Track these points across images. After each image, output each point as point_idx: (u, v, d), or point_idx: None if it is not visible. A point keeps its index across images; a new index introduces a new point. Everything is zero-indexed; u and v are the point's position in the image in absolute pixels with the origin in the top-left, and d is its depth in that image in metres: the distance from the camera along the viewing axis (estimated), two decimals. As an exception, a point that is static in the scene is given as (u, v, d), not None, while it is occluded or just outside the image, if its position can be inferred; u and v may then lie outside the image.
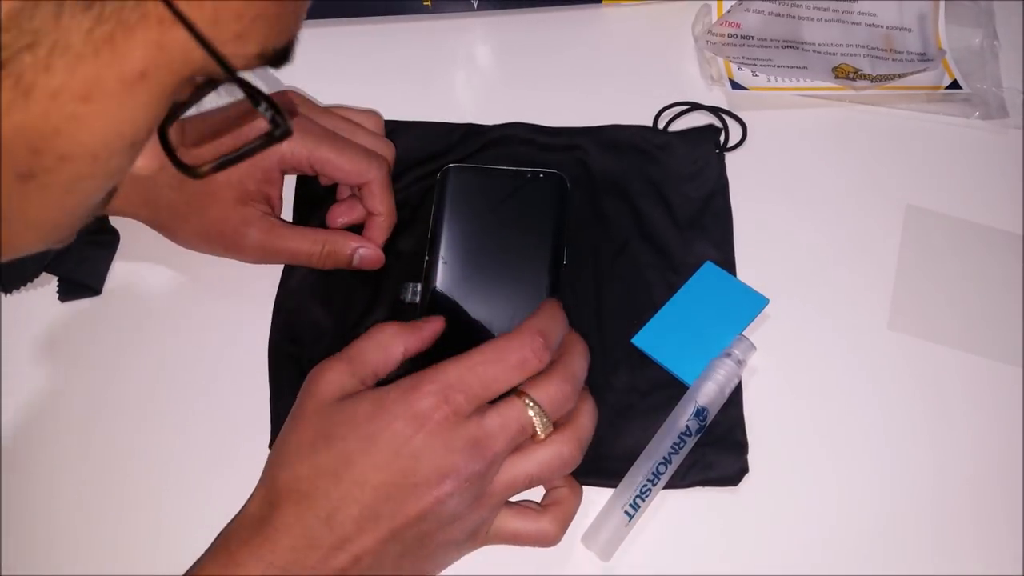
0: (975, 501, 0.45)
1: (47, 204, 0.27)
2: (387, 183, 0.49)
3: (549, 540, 0.41)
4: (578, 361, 0.41)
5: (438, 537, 0.38)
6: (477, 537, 0.40)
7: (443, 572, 0.41)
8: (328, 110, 0.50)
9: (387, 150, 0.51)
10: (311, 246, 0.48)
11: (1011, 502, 0.45)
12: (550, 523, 0.41)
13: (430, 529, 0.37)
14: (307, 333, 0.48)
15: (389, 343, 0.41)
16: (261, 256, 0.49)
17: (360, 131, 0.50)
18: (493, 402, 0.38)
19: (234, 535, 0.37)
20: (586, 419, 0.41)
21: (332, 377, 0.39)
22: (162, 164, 0.39)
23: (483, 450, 0.37)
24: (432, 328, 0.42)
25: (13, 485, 0.45)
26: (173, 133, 0.28)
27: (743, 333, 0.48)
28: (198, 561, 0.38)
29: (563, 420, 0.40)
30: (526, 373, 0.38)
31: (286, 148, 0.46)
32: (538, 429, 0.38)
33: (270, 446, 0.45)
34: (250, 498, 0.39)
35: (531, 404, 0.38)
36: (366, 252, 0.49)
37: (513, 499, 0.41)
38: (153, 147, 0.39)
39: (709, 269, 0.49)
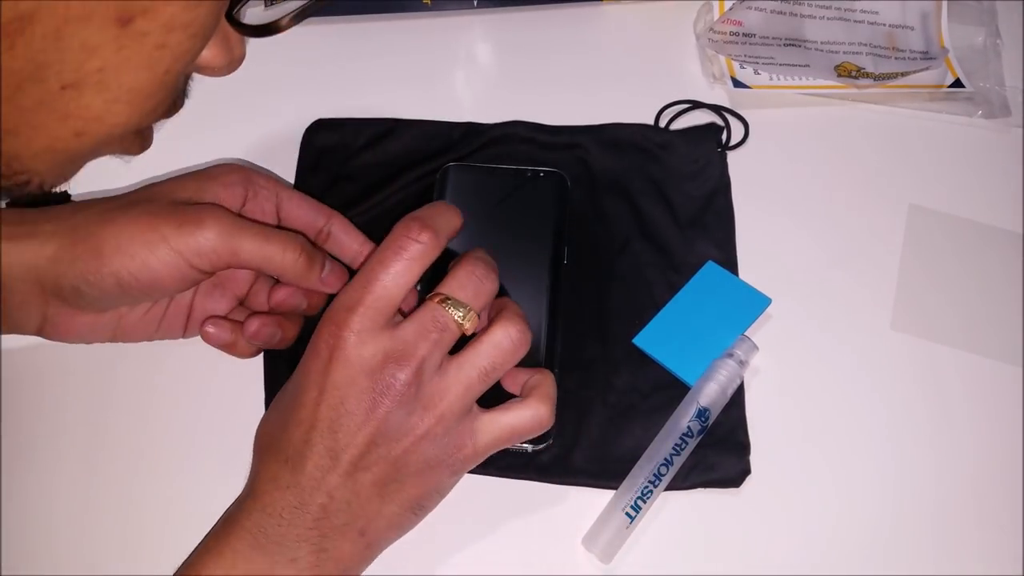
0: (976, 501, 0.45)
1: (141, 61, 0.27)
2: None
3: (543, 422, 0.40)
4: (480, 252, 0.40)
5: (409, 459, 0.37)
6: (464, 449, 0.38)
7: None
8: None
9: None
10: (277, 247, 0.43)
11: (1012, 502, 0.45)
12: (537, 405, 0.39)
13: (392, 452, 0.37)
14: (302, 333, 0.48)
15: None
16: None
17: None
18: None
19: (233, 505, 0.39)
20: (512, 304, 0.40)
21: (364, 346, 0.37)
22: None
23: (403, 358, 0.37)
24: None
25: (13, 485, 0.44)
26: None
27: (745, 333, 0.48)
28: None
29: (491, 307, 0.40)
30: (418, 263, 0.37)
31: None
32: (460, 319, 0.38)
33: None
34: None
35: (443, 299, 0.38)
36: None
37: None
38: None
39: (711, 269, 0.49)
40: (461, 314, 0.38)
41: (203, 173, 0.45)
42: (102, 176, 0.53)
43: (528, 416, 0.39)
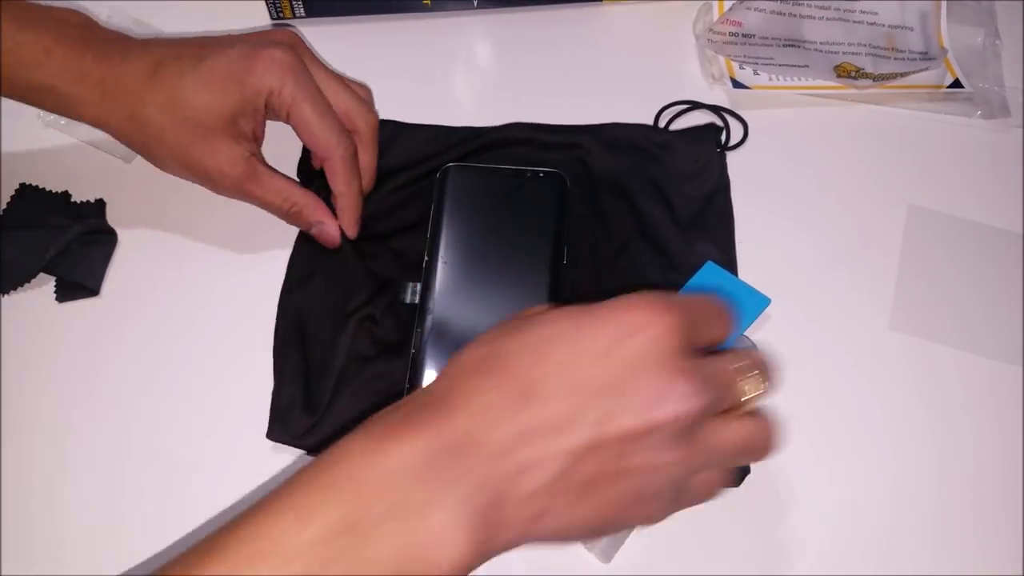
0: (976, 501, 0.45)
1: None
2: (350, 165, 0.48)
3: (773, 446, 0.34)
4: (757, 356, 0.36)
5: (633, 482, 0.31)
6: (677, 499, 0.33)
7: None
8: (322, 66, 0.49)
9: (367, 120, 0.49)
10: (280, 202, 0.48)
11: (1012, 502, 0.45)
12: (772, 425, 0.34)
13: (633, 461, 0.30)
14: (313, 330, 0.48)
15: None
16: (233, 195, 0.48)
17: (346, 93, 0.49)
18: None
19: (399, 407, 0.31)
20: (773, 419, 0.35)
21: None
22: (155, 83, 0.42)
23: (711, 384, 0.31)
24: None
25: (12, 485, 0.44)
26: None
27: (744, 333, 0.48)
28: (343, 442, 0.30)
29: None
30: (725, 334, 0.33)
31: (276, 83, 0.45)
32: (745, 396, 0.33)
33: (266, 436, 0.45)
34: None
35: (744, 374, 0.33)
36: (322, 229, 0.48)
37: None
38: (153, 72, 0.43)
39: (710, 269, 0.49)
40: (747, 398, 0.33)
41: (252, 57, 0.46)
42: (103, 175, 0.54)
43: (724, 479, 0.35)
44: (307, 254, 0.50)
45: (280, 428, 0.45)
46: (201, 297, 0.50)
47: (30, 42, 0.44)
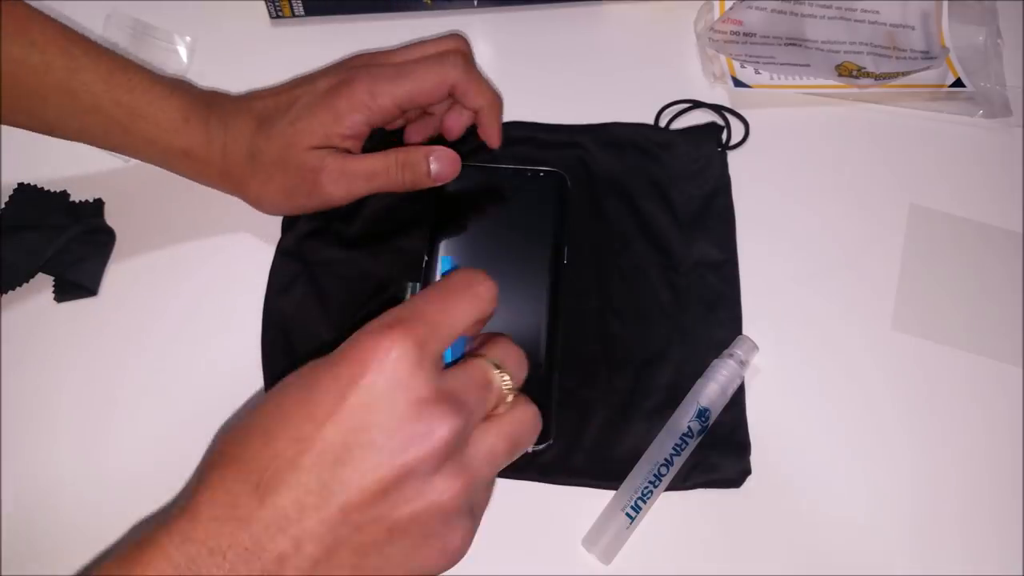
0: (976, 501, 0.45)
1: None
2: (471, 73, 0.48)
3: (538, 425, 0.33)
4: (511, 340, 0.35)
5: (411, 530, 0.29)
6: (467, 531, 0.31)
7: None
8: (394, 50, 0.50)
9: (456, 43, 0.50)
10: (384, 160, 0.47)
11: (1012, 502, 0.45)
12: (529, 408, 0.33)
13: (397, 513, 0.29)
14: (301, 336, 0.48)
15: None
16: (342, 186, 0.47)
17: (417, 47, 0.50)
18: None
19: (155, 517, 0.32)
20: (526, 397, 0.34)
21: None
22: (223, 145, 0.47)
23: (456, 403, 0.29)
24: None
25: (12, 485, 0.44)
26: None
27: (745, 333, 0.48)
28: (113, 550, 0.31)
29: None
30: (480, 308, 0.32)
31: (368, 100, 0.46)
32: (504, 387, 0.32)
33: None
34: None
35: (492, 362, 0.32)
36: (439, 166, 0.47)
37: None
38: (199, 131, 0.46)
39: (446, 264, 0.46)
40: (506, 384, 0.32)
41: (330, 108, 0.47)
42: (101, 175, 0.54)
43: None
44: (289, 264, 0.50)
45: None
46: (199, 297, 0.50)
47: (172, 109, 0.47)
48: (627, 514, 0.42)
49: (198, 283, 0.50)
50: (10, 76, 0.45)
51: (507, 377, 0.32)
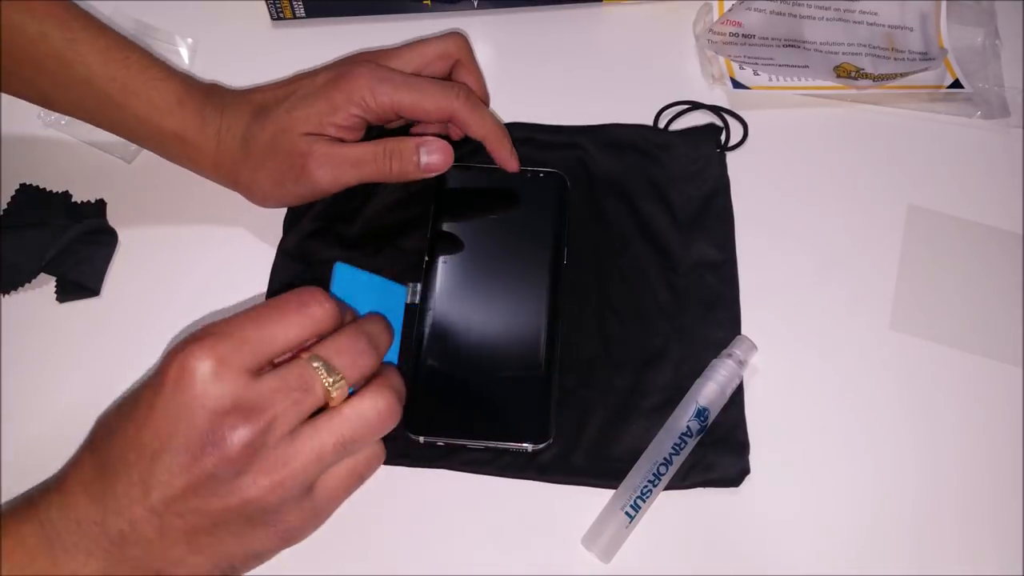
0: (976, 501, 0.45)
1: None
2: (475, 105, 0.48)
3: (385, 418, 0.35)
4: (374, 323, 0.37)
5: (230, 517, 0.33)
6: (300, 521, 0.35)
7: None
8: (400, 50, 0.50)
9: (456, 43, 0.50)
10: (373, 148, 0.46)
11: (1012, 502, 0.45)
12: (372, 402, 0.35)
13: (211, 506, 0.33)
14: None
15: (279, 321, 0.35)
16: (329, 172, 0.46)
17: (419, 46, 0.50)
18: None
19: (39, 485, 0.36)
20: (394, 376, 0.37)
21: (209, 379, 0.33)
22: (217, 132, 0.47)
23: (252, 413, 0.32)
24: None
25: (13, 486, 0.44)
26: None
27: (743, 333, 0.48)
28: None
29: (366, 383, 0.36)
30: (310, 326, 0.35)
31: (367, 96, 0.46)
32: (328, 385, 0.34)
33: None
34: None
35: (315, 361, 0.34)
36: (429, 158, 0.46)
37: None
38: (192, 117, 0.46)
39: (341, 270, 0.43)
40: (332, 380, 0.34)
41: (329, 101, 0.47)
42: (103, 176, 0.54)
43: (367, 454, 0.36)
44: (290, 265, 0.50)
45: None
46: (201, 298, 0.50)
47: (168, 90, 0.47)
48: (626, 513, 0.42)
49: (200, 283, 0.50)
50: (7, 43, 0.45)
51: (331, 375, 0.34)
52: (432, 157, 0.47)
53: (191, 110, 0.48)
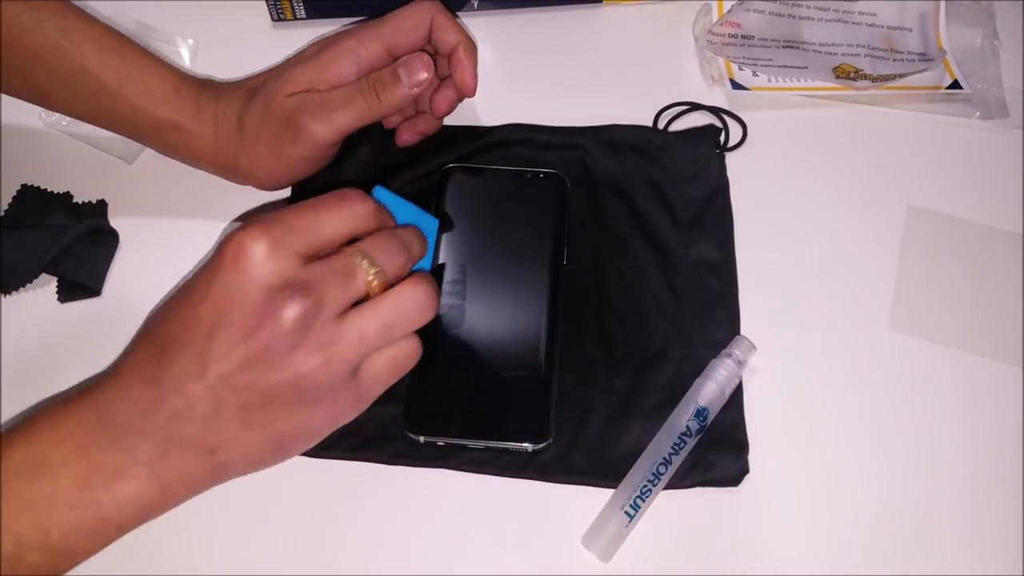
0: (975, 501, 0.45)
1: None
2: (446, 11, 0.49)
3: (423, 306, 0.38)
4: (409, 231, 0.40)
5: (282, 392, 0.35)
6: (347, 399, 0.37)
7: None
8: (376, 26, 0.49)
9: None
10: (357, 84, 0.47)
11: (1011, 502, 0.45)
12: (411, 291, 0.37)
13: (266, 380, 0.35)
14: None
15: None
16: (324, 120, 0.46)
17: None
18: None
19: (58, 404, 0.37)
20: (428, 276, 0.39)
21: (267, 262, 0.35)
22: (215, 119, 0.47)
23: (304, 290, 0.35)
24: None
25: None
26: None
27: (743, 333, 0.48)
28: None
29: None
30: (352, 220, 0.37)
31: (355, 46, 0.47)
32: (368, 276, 0.37)
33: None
34: None
35: (357, 254, 0.37)
36: (408, 72, 0.46)
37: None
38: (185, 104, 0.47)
39: (378, 193, 0.42)
40: (372, 272, 0.37)
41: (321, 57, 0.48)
42: (104, 176, 0.54)
43: (406, 348, 0.39)
44: None
45: None
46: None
47: (164, 78, 0.48)
48: (626, 512, 0.42)
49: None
50: (5, 36, 0.45)
51: (374, 268, 0.37)
52: (415, 75, 0.46)
53: (187, 97, 0.48)
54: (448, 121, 0.55)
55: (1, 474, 0.34)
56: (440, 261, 0.48)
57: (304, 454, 0.45)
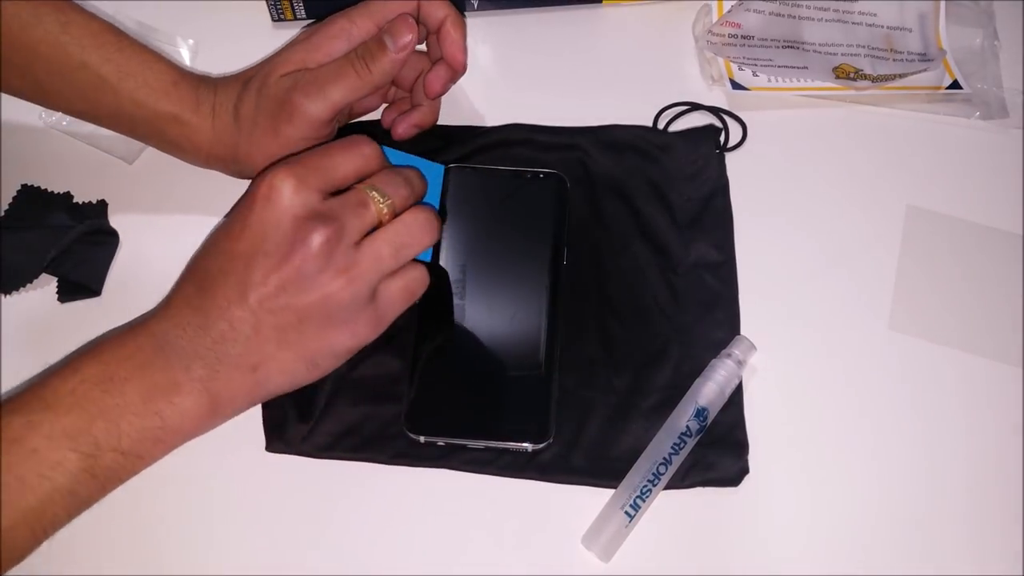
0: (975, 501, 0.45)
1: None
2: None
3: (426, 227, 0.43)
4: (410, 169, 0.45)
5: (312, 312, 0.40)
6: (366, 317, 0.42)
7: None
8: (365, 7, 0.50)
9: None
10: (345, 57, 0.47)
11: (1011, 502, 0.45)
12: (414, 215, 0.43)
13: (298, 301, 0.40)
14: None
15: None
16: (317, 97, 0.46)
17: None
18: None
19: (116, 335, 0.41)
20: (427, 208, 0.44)
21: (294, 197, 0.40)
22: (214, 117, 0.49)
23: (327, 219, 0.40)
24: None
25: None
26: None
27: (743, 333, 0.48)
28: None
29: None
30: (362, 158, 0.42)
31: (347, 25, 0.48)
32: (378, 205, 0.42)
33: (265, 449, 0.45)
34: None
35: (368, 188, 0.42)
36: (391, 36, 0.46)
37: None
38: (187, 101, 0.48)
39: (386, 151, 0.45)
40: (382, 201, 0.42)
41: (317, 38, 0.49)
42: (105, 176, 0.54)
43: (415, 274, 0.44)
44: None
45: (277, 439, 0.45)
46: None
47: (162, 72, 0.48)
48: (626, 512, 0.42)
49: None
50: (4, 31, 0.46)
51: (384, 198, 0.42)
52: (399, 38, 0.46)
53: (186, 90, 0.48)
54: (448, 121, 0.55)
55: (79, 386, 0.38)
56: (440, 261, 0.48)
57: (305, 454, 0.45)
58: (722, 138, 0.55)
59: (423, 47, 0.53)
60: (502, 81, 0.57)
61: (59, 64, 0.47)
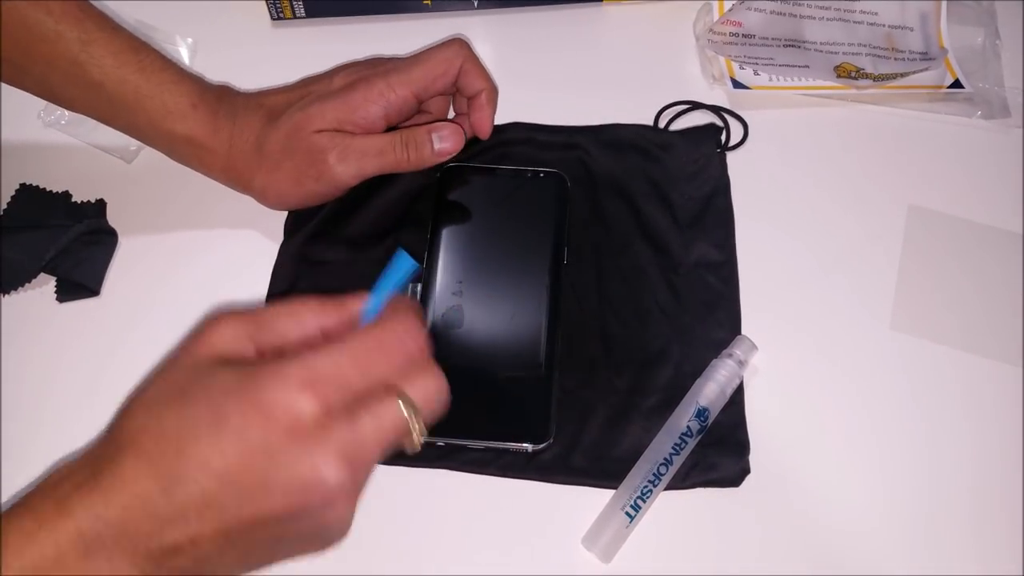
0: (976, 501, 0.45)
1: None
2: (475, 57, 0.51)
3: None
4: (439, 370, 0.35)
5: (293, 542, 0.33)
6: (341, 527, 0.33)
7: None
8: (406, 65, 0.50)
9: (458, 41, 0.51)
10: (390, 138, 0.48)
11: (1012, 502, 0.45)
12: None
13: (281, 534, 0.31)
14: None
15: (305, 316, 0.34)
16: (352, 164, 0.47)
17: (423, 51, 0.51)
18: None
19: (67, 476, 0.31)
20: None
21: (224, 333, 0.32)
22: (230, 136, 0.48)
23: (354, 463, 0.31)
24: (353, 307, 0.35)
25: (13, 486, 0.44)
26: None
27: (744, 333, 0.48)
28: (22, 499, 0.31)
29: None
30: (408, 364, 0.33)
31: (385, 90, 0.48)
32: (413, 435, 0.32)
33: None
34: (93, 441, 0.33)
35: (406, 404, 0.32)
36: (443, 142, 0.49)
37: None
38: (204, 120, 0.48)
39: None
40: (416, 433, 0.32)
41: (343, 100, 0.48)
42: (103, 176, 0.54)
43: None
44: (291, 265, 0.50)
45: None
46: (201, 298, 0.50)
47: (182, 94, 0.48)
48: (627, 513, 0.42)
49: (200, 283, 0.50)
50: (23, 41, 0.45)
51: (417, 422, 0.32)
52: (445, 142, 0.49)
53: (204, 113, 0.48)
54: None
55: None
56: (440, 261, 0.48)
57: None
58: (723, 137, 0.55)
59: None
60: (502, 80, 0.57)
61: (77, 80, 0.46)
